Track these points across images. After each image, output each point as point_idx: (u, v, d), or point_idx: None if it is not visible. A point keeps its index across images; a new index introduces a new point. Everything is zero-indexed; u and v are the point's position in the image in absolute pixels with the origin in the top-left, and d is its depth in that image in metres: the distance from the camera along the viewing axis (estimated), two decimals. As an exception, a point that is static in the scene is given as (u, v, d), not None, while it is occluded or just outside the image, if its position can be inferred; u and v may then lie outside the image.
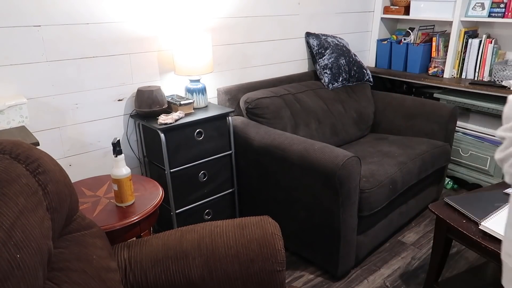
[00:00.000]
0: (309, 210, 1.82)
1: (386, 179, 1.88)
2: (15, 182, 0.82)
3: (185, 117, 1.89)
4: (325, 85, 2.54)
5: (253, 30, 2.37)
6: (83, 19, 1.74)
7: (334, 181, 1.63)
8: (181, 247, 1.14)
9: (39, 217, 0.84)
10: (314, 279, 1.89)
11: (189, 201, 1.96)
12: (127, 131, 2.02)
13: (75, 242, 0.99)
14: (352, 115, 2.53)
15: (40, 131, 1.74)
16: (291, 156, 1.79)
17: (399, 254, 2.06)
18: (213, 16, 2.18)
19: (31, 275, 0.76)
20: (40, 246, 0.81)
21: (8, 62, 1.60)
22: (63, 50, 1.72)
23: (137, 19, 1.90)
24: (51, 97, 1.74)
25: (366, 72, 2.71)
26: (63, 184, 0.95)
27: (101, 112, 1.90)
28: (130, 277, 1.12)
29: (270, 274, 1.12)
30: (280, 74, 2.59)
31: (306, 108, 2.29)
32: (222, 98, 2.25)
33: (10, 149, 0.88)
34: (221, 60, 2.28)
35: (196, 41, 1.90)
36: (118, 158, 1.41)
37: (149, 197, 1.53)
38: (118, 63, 1.90)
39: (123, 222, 1.37)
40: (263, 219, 1.21)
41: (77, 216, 1.05)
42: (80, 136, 1.86)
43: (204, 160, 1.96)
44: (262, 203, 2.09)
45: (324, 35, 2.65)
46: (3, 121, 1.51)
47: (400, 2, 2.97)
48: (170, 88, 2.12)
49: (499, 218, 1.43)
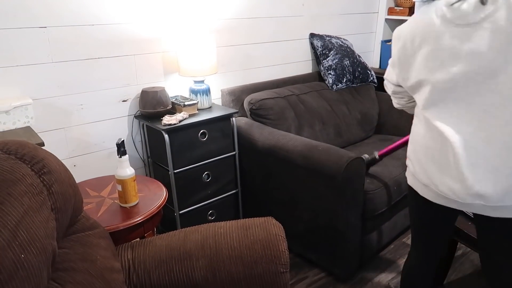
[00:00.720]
0: (313, 211, 1.81)
1: (391, 181, 1.87)
2: (20, 182, 0.83)
3: (189, 118, 1.89)
4: (329, 86, 2.53)
5: (257, 31, 2.37)
6: (89, 20, 1.75)
7: (338, 182, 1.63)
8: (185, 248, 1.14)
9: (44, 217, 0.84)
10: (318, 280, 1.88)
11: (193, 202, 1.97)
12: (132, 131, 2.02)
13: (80, 242, 0.99)
14: (357, 116, 2.53)
15: (45, 132, 1.75)
16: (295, 157, 1.78)
17: (404, 256, 2.05)
18: (217, 18, 2.18)
19: (35, 275, 0.76)
20: (45, 246, 0.81)
21: (14, 63, 1.61)
22: (69, 51, 1.73)
23: (142, 20, 1.91)
24: (56, 98, 1.75)
25: (370, 73, 2.70)
26: (67, 185, 0.96)
27: (106, 112, 1.91)
28: (134, 278, 1.12)
29: (274, 275, 1.12)
30: (284, 75, 2.59)
31: (310, 109, 2.29)
32: (226, 99, 2.25)
33: (15, 150, 0.89)
34: (225, 61, 2.28)
35: (201, 42, 1.91)
36: (122, 158, 1.41)
37: (153, 197, 1.54)
38: (123, 64, 1.90)
39: (127, 223, 1.37)
40: (267, 220, 1.21)
41: (82, 216, 1.06)
42: (85, 136, 1.87)
43: (208, 161, 1.96)
44: (266, 204, 2.09)
45: (328, 36, 2.65)
46: (9, 122, 1.52)
47: (405, 3, 2.96)
48: (174, 89, 2.13)
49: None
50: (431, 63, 1.06)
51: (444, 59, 1.04)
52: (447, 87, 1.05)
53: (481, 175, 1.03)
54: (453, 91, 1.04)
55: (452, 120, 1.06)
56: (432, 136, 1.11)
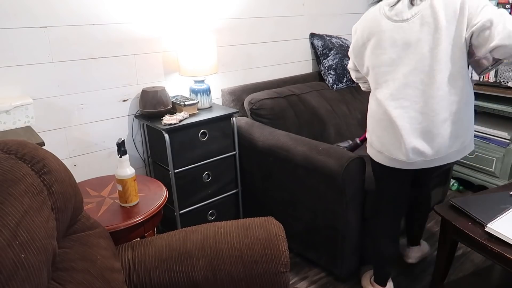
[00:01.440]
0: (313, 211, 1.81)
1: (391, 181, 1.87)
2: (20, 182, 0.83)
3: (190, 118, 1.89)
4: (330, 86, 2.53)
5: (258, 31, 2.37)
6: (89, 20, 1.75)
7: (338, 182, 1.63)
8: (185, 248, 1.14)
9: (44, 217, 0.84)
10: (318, 280, 1.88)
11: (193, 202, 1.97)
12: (132, 131, 2.02)
13: (80, 242, 0.99)
14: (357, 116, 2.53)
15: (46, 131, 1.75)
16: (296, 157, 1.78)
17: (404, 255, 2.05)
18: (218, 17, 2.18)
19: (35, 275, 0.76)
20: (45, 246, 0.81)
21: (14, 63, 1.61)
22: (69, 51, 1.73)
23: (142, 20, 1.91)
24: (56, 98, 1.75)
25: (370, 73, 2.71)
26: (68, 184, 0.96)
27: (106, 112, 1.91)
28: (134, 278, 1.12)
29: (274, 275, 1.12)
30: (284, 75, 2.59)
31: (311, 109, 2.29)
32: (227, 98, 2.25)
33: (15, 149, 0.89)
34: (225, 61, 2.28)
35: (201, 42, 1.91)
36: (122, 158, 1.41)
37: (153, 197, 1.54)
38: (123, 64, 1.90)
39: (127, 223, 1.37)
40: (267, 220, 1.21)
41: (82, 216, 1.06)
42: (85, 136, 1.87)
43: (208, 160, 1.96)
44: (266, 204, 2.09)
45: (328, 36, 2.65)
46: (9, 121, 1.52)
47: (405, 3, 2.95)
48: (175, 89, 2.13)
49: (506, 220, 1.42)
50: (377, 50, 1.36)
51: (386, 48, 1.33)
52: (388, 70, 1.35)
53: (419, 138, 1.32)
54: (392, 73, 1.34)
55: (393, 96, 1.34)
56: (382, 111, 1.38)
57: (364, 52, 1.43)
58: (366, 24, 1.39)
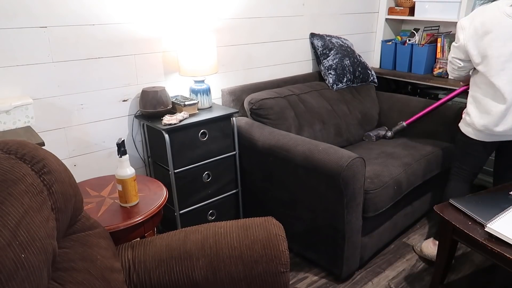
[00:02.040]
0: (313, 211, 1.81)
1: (391, 180, 1.87)
2: (20, 182, 0.83)
3: (190, 118, 1.89)
4: (330, 86, 2.53)
5: (258, 31, 2.37)
6: (89, 20, 1.75)
7: (338, 182, 1.63)
8: (185, 248, 1.14)
9: (44, 217, 0.84)
10: (318, 280, 1.88)
11: (193, 202, 1.97)
12: (132, 131, 2.02)
13: (80, 242, 0.99)
14: (357, 116, 2.53)
15: (46, 132, 1.75)
16: (296, 157, 1.78)
17: (404, 256, 2.05)
18: (217, 17, 2.18)
19: (35, 275, 0.76)
20: (45, 246, 0.81)
21: (14, 63, 1.61)
22: (69, 51, 1.73)
23: (142, 20, 1.91)
24: (56, 98, 1.75)
25: (370, 73, 2.70)
26: (68, 184, 0.96)
27: (106, 112, 1.91)
28: (134, 278, 1.12)
29: (274, 275, 1.12)
30: (284, 74, 2.59)
31: (311, 109, 2.29)
32: (227, 98, 2.25)
33: (15, 149, 0.89)
34: (225, 61, 2.28)
35: (201, 42, 1.91)
36: (122, 158, 1.41)
37: (153, 197, 1.54)
38: (123, 64, 1.90)
39: (127, 223, 1.37)
40: (267, 220, 1.21)
41: (82, 216, 1.06)
42: (85, 136, 1.87)
43: (208, 160, 1.96)
44: (266, 204, 2.09)
45: (328, 36, 2.65)
46: (9, 121, 1.52)
47: (405, 3, 2.96)
48: (175, 89, 2.13)
49: (505, 220, 1.42)
50: (496, 43, 1.61)
51: (506, 41, 1.59)
52: (506, 60, 1.60)
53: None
54: (509, 62, 1.60)
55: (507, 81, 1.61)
56: (499, 94, 1.63)
57: (480, 43, 1.65)
58: (484, 20, 1.63)
